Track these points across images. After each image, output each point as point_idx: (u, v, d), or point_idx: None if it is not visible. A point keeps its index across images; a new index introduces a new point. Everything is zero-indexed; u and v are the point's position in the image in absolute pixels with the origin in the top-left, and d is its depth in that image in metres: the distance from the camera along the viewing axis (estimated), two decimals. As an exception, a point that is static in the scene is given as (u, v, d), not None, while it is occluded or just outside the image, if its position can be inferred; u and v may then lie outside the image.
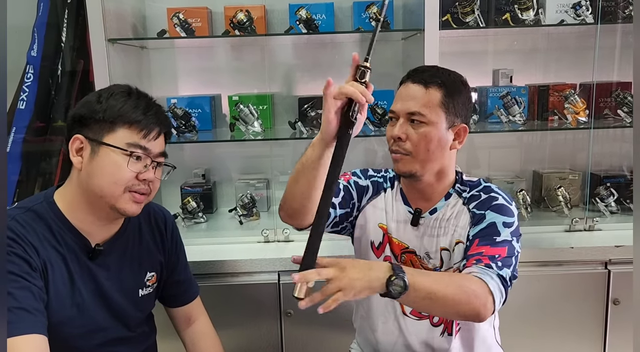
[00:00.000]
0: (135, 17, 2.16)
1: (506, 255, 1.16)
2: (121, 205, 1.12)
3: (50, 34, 2.10)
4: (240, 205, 2.16)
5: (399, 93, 1.28)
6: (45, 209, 1.13)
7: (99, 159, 1.10)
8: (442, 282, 1.05)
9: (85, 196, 1.13)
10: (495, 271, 1.12)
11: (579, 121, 2.10)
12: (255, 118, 2.08)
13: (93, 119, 1.11)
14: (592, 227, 2.01)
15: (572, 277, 1.85)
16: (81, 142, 1.12)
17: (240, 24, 1.99)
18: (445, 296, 1.03)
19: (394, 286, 0.99)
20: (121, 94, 1.14)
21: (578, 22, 2.01)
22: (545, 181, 2.24)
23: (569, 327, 1.87)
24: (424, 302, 1.04)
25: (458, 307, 1.05)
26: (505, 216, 1.22)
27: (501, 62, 2.30)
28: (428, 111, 1.21)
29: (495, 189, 1.29)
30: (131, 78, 2.04)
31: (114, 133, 1.11)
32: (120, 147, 1.10)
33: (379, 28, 1.09)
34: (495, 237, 1.18)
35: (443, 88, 1.23)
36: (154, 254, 1.31)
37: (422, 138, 1.22)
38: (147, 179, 1.13)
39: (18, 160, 2.10)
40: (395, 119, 1.26)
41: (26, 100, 2.08)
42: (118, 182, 1.10)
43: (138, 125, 1.11)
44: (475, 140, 2.35)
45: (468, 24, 2.00)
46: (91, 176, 1.11)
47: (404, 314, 1.32)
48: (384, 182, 1.40)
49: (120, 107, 1.11)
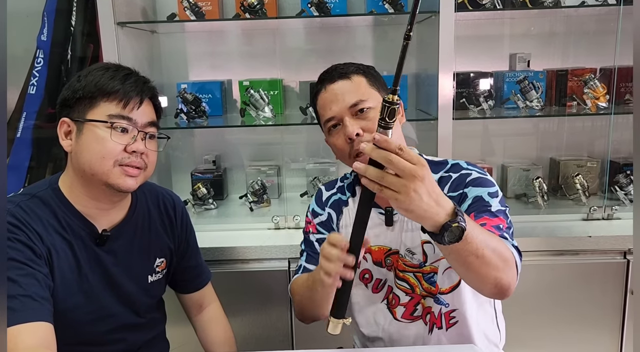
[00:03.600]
0: (145, 0, 2.13)
1: (507, 226, 1.10)
2: (113, 180, 1.09)
3: (60, 18, 2.08)
4: (251, 191, 2.14)
5: (324, 100, 1.21)
6: (50, 195, 1.12)
7: (83, 137, 1.08)
8: (491, 241, 0.96)
9: (80, 177, 1.11)
10: (510, 241, 1.06)
11: (598, 107, 2.04)
12: (266, 103, 2.06)
13: (74, 99, 1.10)
14: (611, 216, 1.95)
15: (590, 266, 1.81)
16: (68, 125, 1.11)
17: (251, 7, 1.96)
18: (491, 258, 0.94)
19: (450, 232, 0.88)
20: (98, 69, 1.12)
21: (600, 4, 1.94)
22: (563, 169, 2.19)
23: (585, 317, 1.83)
24: (468, 259, 0.93)
25: (496, 273, 0.97)
26: (486, 187, 1.15)
27: (518, 45, 2.24)
28: (367, 96, 1.17)
29: (465, 165, 1.22)
30: (141, 62, 2.03)
31: (95, 108, 1.09)
32: (101, 120, 1.08)
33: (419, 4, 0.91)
34: (489, 208, 1.11)
35: (360, 72, 1.21)
36: (163, 240, 1.30)
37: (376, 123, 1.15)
38: (137, 150, 1.10)
39: (29, 146, 2.10)
40: (337, 125, 1.19)
41: (36, 85, 2.08)
42: (106, 156, 1.07)
43: (116, 95, 1.09)
44: (490, 126, 2.30)
45: (485, 6, 1.94)
46: (79, 155, 1.09)
47: (396, 320, 1.27)
48: (342, 195, 1.33)
49: (97, 81, 1.09)
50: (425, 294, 1.23)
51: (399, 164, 0.83)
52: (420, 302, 1.25)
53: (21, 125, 2.08)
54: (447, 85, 1.81)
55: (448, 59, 1.79)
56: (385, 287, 1.28)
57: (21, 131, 2.08)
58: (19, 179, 2.09)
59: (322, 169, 2.22)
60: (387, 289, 1.28)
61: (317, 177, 2.17)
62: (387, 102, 0.85)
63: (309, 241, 1.34)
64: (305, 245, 1.36)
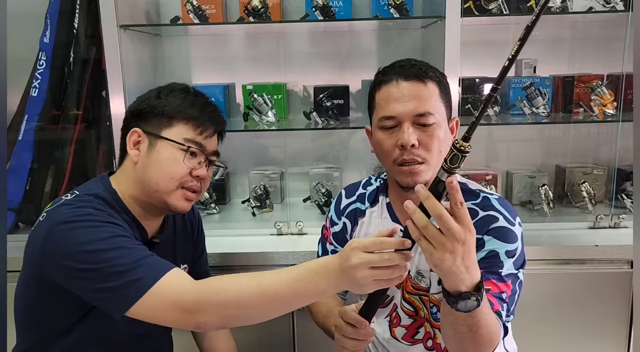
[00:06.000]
0: (149, 3, 2.12)
1: (510, 293, 1.06)
2: (173, 201, 1.13)
3: (63, 20, 2.07)
4: (254, 196, 2.13)
5: (390, 95, 1.12)
6: (110, 198, 1.13)
7: (156, 153, 1.12)
8: (489, 318, 0.94)
9: (139, 189, 1.14)
10: (502, 320, 1.02)
11: (606, 114, 2.01)
12: (270, 108, 2.04)
13: (152, 113, 1.13)
14: (618, 225, 1.93)
15: (596, 276, 1.78)
16: (139, 136, 1.13)
17: (255, 10, 1.94)
18: (480, 336, 0.93)
19: (465, 302, 0.87)
20: (180, 91, 1.17)
21: (608, 10, 1.92)
22: (569, 176, 2.16)
23: (591, 327, 1.81)
24: (460, 329, 0.92)
25: (477, 350, 0.95)
26: (507, 242, 1.08)
27: (524, 51, 2.15)
28: (436, 109, 1.10)
29: (496, 205, 1.13)
30: (144, 65, 2.02)
31: (171, 128, 1.12)
32: (178, 141, 1.11)
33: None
34: (499, 270, 1.06)
35: (436, 80, 1.13)
36: (187, 246, 1.34)
37: (435, 140, 1.09)
38: (200, 176, 1.14)
39: (31, 148, 2.08)
40: (395, 126, 1.12)
41: (38, 88, 2.06)
42: (174, 177, 1.11)
43: (195, 122, 1.13)
44: (496, 132, 2.28)
45: (491, 11, 1.93)
46: (147, 169, 1.12)
47: (395, 339, 1.25)
48: (360, 205, 1.29)
49: (179, 104, 1.14)
50: (430, 317, 1.21)
51: (447, 224, 0.80)
52: (423, 325, 1.22)
53: (23, 127, 2.06)
54: (453, 90, 1.78)
55: (454, 65, 1.77)
56: (391, 304, 1.25)
57: (23, 133, 2.07)
58: (21, 181, 2.08)
59: (325, 174, 2.20)
60: (392, 307, 1.25)
61: (321, 182, 2.15)
62: (457, 148, 0.81)
63: (325, 248, 1.33)
64: (321, 249, 1.35)
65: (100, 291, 0.97)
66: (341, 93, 2.13)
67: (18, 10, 2.13)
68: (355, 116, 2.19)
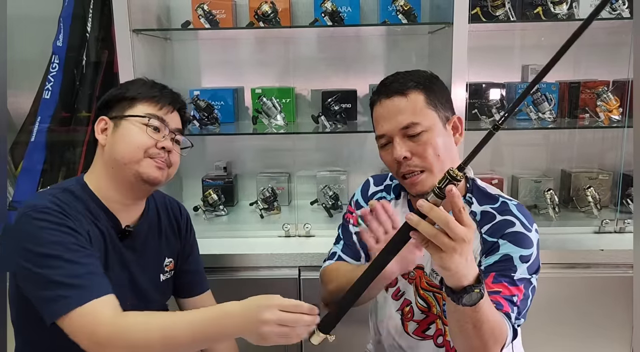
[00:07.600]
0: (160, 8, 2.16)
1: (523, 297, 1.08)
2: (144, 169, 1.17)
3: (76, 24, 2.11)
4: (262, 198, 2.15)
5: (378, 114, 1.18)
6: (79, 189, 1.18)
7: (121, 130, 1.19)
8: (492, 314, 0.96)
9: (110, 169, 1.19)
10: (512, 322, 1.04)
11: (611, 119, 2.03)
12: (278, 111, 2.06)
13: (115, 100, 1.22)
14: (623, 229, 1.94)
15: (601, 280, 1.79)
16: (105, 123, 1.21)
17: (265, 15, 1.97)
18: (485, 332, 0.95)
19: (470, 295, 0.89)
20: (139, 81, 1.29)
21: (614, 17, 1.94)
22: (574, 181, 2.18)
23: (596, 332, 1.82)
24: (466, 326, 0.94)
25: (483, 348, 0.97)
26: (522, 247, 1.10)
27: (531, 57, 2.24)
28: (421, 118, 1.13)
29: (514, 210, 1.16)
30: (155, 69, 2.04)
31: (134, 108, 1.20)
32: (140, 115, 1.19)
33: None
34: (512, 274, 1.08)
35: (420, 88, 1.15)
36: (171, 241, 1.36)
37: (428, 147, 1.12)
38: (166, 147, 1.20)
39: (43, 149, 2.12)
40: (388, 143, 1.17)
41: (51, 90, 2.10)
42: (140, 146, 1.17)
43: (154, 99, 1.22)
44: (502, 137, 2.29)
45: (498, 17, 1.95)
46: (114, 147, 1.18)
47: (406, 333, 1.27)
48: (387, 195, 1.32)
49: (139, 87, 1.24)
50: (442, 314, 1.23)
51: (455, 230, 0.82)
52: (435, 322, 1.24)
53: (35, 129, 2.10)
54: (460, 95, 1.81)
55: (461, 70, 1.80)
56: (403, 298, 1.28)
57: (35, 135, 2.10)
58: (33, 182, 2.11)
59: (332, 178, 2.22)
60: (404, 301, 1.28)
61: (328, 185, 2.17)
62: (450, 176, 0.82)
63: (348, 230, 1.35)
64: (342, 232, 1.36)
65: (36, 296, 1.04)
66: (349, 97, 2.15)
67: (32, 13, 2.18)
68: (362, 120, 2.21)
